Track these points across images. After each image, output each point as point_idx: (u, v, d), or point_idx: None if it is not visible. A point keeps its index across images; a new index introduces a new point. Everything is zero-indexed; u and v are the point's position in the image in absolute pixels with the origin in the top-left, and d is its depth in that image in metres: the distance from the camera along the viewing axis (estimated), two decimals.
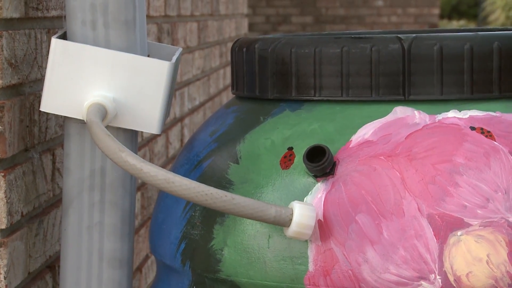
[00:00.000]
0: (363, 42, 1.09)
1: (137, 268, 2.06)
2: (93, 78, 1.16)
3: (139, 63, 1.16)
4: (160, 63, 1.16)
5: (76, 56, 1.15)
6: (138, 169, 1.02)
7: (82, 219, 1.20)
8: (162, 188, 1.01)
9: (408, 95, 1.09)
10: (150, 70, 1.16)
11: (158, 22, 2.28)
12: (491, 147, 1.05)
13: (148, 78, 1.16)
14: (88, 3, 1.15)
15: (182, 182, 1.01)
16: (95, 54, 1.15)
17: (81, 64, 1.15)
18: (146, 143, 2.13)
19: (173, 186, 1.01)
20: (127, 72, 1.16)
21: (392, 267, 1.02)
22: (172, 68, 1.17)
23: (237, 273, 1.08)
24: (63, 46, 1.15)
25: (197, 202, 1.01)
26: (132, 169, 1.03)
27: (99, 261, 1.21)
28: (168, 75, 1.17)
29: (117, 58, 1.15)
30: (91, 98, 1.15)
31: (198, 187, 1.00)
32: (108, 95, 1.16)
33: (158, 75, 1.16)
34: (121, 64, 1.16)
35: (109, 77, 1.16)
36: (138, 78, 1.16)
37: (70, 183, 1.20)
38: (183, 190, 1.01)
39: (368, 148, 1.06)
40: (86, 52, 1.15)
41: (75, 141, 1.19)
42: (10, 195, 1.15)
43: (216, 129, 1.20)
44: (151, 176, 1.02)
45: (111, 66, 1.15)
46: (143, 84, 1.16)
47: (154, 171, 1.01)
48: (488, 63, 1.09)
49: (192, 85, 2.84)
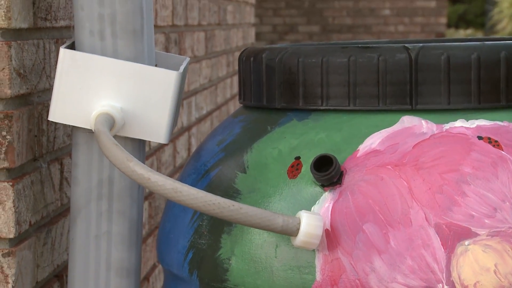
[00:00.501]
0: (370, 52, 1.10)
1: (145, 278, 2.06)
2: (101, 88, 1.16)
3: (146, 73, 1.16)
4: (168, 73, 1.16)
5: (84, 66, 1.15)
6: (146, 179, 1.02)
7: (90, 228, 1.20)
8: (170, 197, 1.02)
9: (415, 104, 1.09)
10: (158, 80, 1.16)
11: (166, 32, 2.29)
12: (499, 156, 1.05)
13: (156, 87, 1.17)
14: (96, 13, 1.15)
15: (190, 192, 1.01)
16: (103, 64, 1.15)
17: (89, 74, 1.16)
18: (153, 152, 2.13)
19: (181, 195, 1.01)
20: (134, 82, 1.16)
21: (400, 276, 1.02)
22: (180, 78, 1.17)
23: (245, 282, 1.08)
24: (71, 56, 1.15)
25: (204, 212, 1.01)
26: (140, 179, 1.03)
27: (107, 270, 1.21)
28: (176, 85, 1.17)
29: (125, 68, 1.16)
30: (99, 107, 1.16)
31: (205, 196, 1.00)
32: (116, 105, 1.16)
33: (165, 85, 1.17)
34: (128, 74, 1.16)
35: (117, 87, 1.16)
36: (146, 88, 1.16)
37: (78, 193, 1.20)
38: (190, 199, 1.01)
39: (375, 158, 1.06)
40: (94, 62, 1.15)
41: (83, 151, 1.19)
42: (18, 205, 1.16)
43: (223, 138, 1.20)
44: (159, 185, 1.02)
45: (119, 76, 1.16)
46: (151, 94, 1.17)
47: (162, 181, 1.02)
48: (495, 72, 1.09)
49: (199, 94, 2.85)
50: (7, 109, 1.14)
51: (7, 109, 1.14)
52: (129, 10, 1.16)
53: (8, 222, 1.14)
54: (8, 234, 1.14)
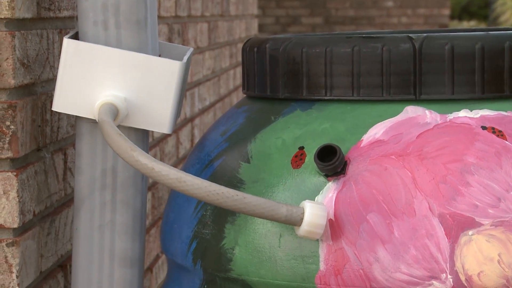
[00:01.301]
0: (374, 42, 1.09)
1: (148, 268, 2.07)
2: (105, 78, 1.16)
3: (150, 63, 1.16)
4: (172, 63, 1.16)
5: (87, 56, 1.15)
6: (150, 168, 1.03)
7: (93, 218, 1.20)
8: (174, 187, 1.02)
9: (419, 94, 1.09)
10: (162, 70, 1.16)
11: (169, 23, 2.29)
12: (503, 146, 1.05)
13: (160, 78, 1.16)
14: (100, 3, 1.15)
15: (194, 181, 1.01)
16: (107, 54, 1.15)
17: (92, 64, 1.16)
18: (156, 143, 2.14)
19: (185, 185, 1.01)
20: (138, 72, 1.16)
21: (403, 266, 1.02)
22: (183, 68, 1.17)
23: (248, 272, 1.08)
24: (75, 46, 1.15)
25: (208, 202, 1.01)
26: (144, 169, 1.03)
27: (111, 260, 1.21)
28: (179, 75, 1.17)
29: (129, 58, 1.16)
30: (103, 97, 1.16)
31: (209, 186, 1.00)
32: (120, 95, 1.16)
33: (169, 75, 1.17)
34: (132, 64, 1.16)
35: (121, 77, 1.16)
36: (150, 78, 1.16)
37: (81, 183, 1.20)
38: (194, 189, 1.01)
39: (379, 148, 1.06)
40: (98, 52, 1.15)
41: (87, 141, 1.19)
42: (22, 195, 1.16)
43: (227, 128, 1.20)
44: (163, 175, 1.02)
45: (123, 66, 1.16)
46: (155, 84, 1.17)
47: (166, 170, 1.02)
48: (499, 62, 1.09)
49: (203, 86, 2.84)
50: (11, 99, 1.14)
51: (11, 99, 1.14)
52: (133, 0, 1.16)
53: (12, 212, 1.14)
54: (12, 224, 1.14)
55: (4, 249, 1.14)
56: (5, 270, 1.14)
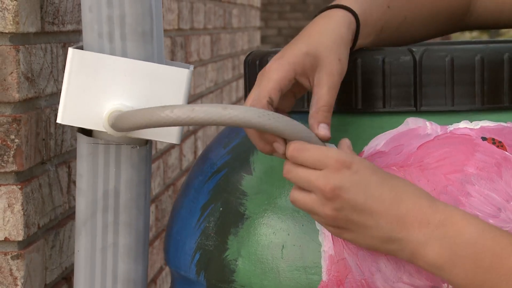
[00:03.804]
0: (375, 54, 1.10)
1: (152, 280, 2.07)
2: (111, 88, 1.14)
3: (157, 72, 1.14)
4: (179, 71, 1.14)
5: (93, 66, 1.13)
6: (190, 110, 0.98)
7: (95, 240, 1.18)
8: (221, 121, 0.97)
9: (420, 106, 1.10)
10: (169, 78, 1.14)
11: (172, 36, 2.30)
12: (503, 157, 1.06)
13: (167, 86, 1.15)
14: (105, 15, 1.13)
15: (239, 108, 0.97)
16: (113, 63, 1.13)
17: (98, 74, 1.14)
18: (160, 155, 2.14)
19: (232, 112, 0.97)
20: (145, 81, 1.14)
21: (405, 276, 1.03)
22: (191, 76, 1.16)
23: (251, 283, 1.08)
24: (81, 56, 1.13)
25: (256, 124, 0.97)
26: (183, 116, 0.98)
27: (113, 283, 1.19)
28: (187, 83, 1.15)
29: (136, 67, 1.14)
30: (111, 106, 1.14)
31: (256, 110, 0.97)
32: (127, 104, 1.14)
33: (177, 83, 1.15)
34: (139, 73, 1.14)
35: (128, 86, 1.14)
36: (157, 87, 1.14)
37: (83, 204, 1.18)
38: (243, 116, 0.97)
39: (380, 159, 1.07)
40: (104, 61, 1.13)
41: (88, 162, 1.17)
42: (27, 207, 1.16)
43: (229, 140, 1.21)
44: (204, 112, 0.97)
45: (129, 75, 1.14)
46: (162, 93, 1.14)
47: (205, 109, 0.97)
48: (499, 74, 1.10)
49: (205, 98, 2.86)
50: (15, 113, 1.15)
51: (16, 113, 1.15)
52: (139, 11, 1.13)
53: (17, 225, 1.15)
54: (17, 237, 1.15)
55: (9, 262, 1.15)
56: (10, 283, 1.15)
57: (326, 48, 1.04)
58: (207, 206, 1.15)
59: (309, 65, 1.04)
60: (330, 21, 1.07)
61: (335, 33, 1.05)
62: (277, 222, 1.08)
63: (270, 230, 1.08)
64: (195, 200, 1.18)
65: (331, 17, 1.07)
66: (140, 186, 1.19)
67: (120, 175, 1.17)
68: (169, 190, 2.26)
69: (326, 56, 1.04)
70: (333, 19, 1.07)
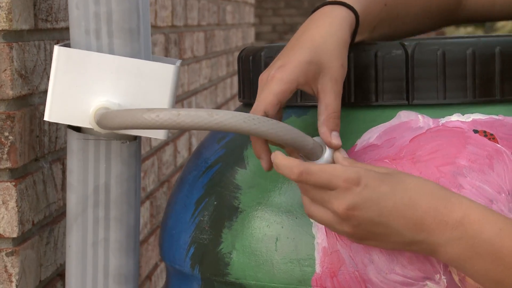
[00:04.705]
0: (367, 48, 1.11)
1: (147, 276, 2.08)
2: (98, 85, 1.14)
3: (144, 68, 1.14)
4: (165, 67, 1.14)
5: (80, 63, 1.13)
6: (176, 115, 0.98)
7: (86, 235, 1.19)
8: (207, 126, 0.98)
9: (412, 99, 1.11)
10: (156, 74, 1.14)
11: (165, 33, 2.30)
12: (494, 149, 1.06)
13: (154, 82, 1.15)
14: (92, 12, 1.13)
15: (226, 113, 0.98)
16: (99, 60, 1.14)
17: (85, 71, 1.14)
18: (154, 152, 2.15)
19: (218, 118, 0.98)
20: (132, 77, 1.14)
21: (398, 267, 1.03)
22: (177, 72, 1.16)
23: (246, 276, 1.09)
24: (67, 53, 1.13)
25: (244, 129, 0.98)
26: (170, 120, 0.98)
27: (105, 278, 1.20)
28: (174, 79, 1.15)
29: (122, 64, 1.14)
30: (97, 103, 1.14)
31: (241, 114, 0.98)
32: (114, 101, 1.14)
33: (163, 79, 1.15)
34: (126, 69, 1.14)
35: (114, 83, 1.14)
36: (144, 83, 1.14)
37: (74, 200, 1.18)
38: (229, 122, 0.98)
39: (373, 152, 1.08)
40: (90, 58, 1.13)
41: (79, 158, 1.17)
42: (21, 204, 1.17)
43: (223, 135, 1.22)
44: (191, 116, 0.98)
45: (116, 72, 1.14)
46: (149, 89, 1.15)
47: (193, 113, 0.98)
48: (491, 67, 1.11)
49: (200, 94, 2.86)
50: (9, 110, 1.15)
51: (9, 110, 1.15)
52: (125, 8, 1.14)
53: (11, 222, 1.15)
54: (11, 234, 1.15)
55: (3, 259, 1.15)
56: (4, 280, 1.15)
57: (331, 55, 1.03)
58: (201, 200, 1.16)
59: (312, 74, 1.03)
60: (332, 22, 1.05)
61: (338, 37, 1.04)
62: (271, 215, 1.09)
63: (264, 223, 1.09)
64: (189, 195, 1.19)
65: (333, 17, 1.06)
66: (131, 181, 1.19)
67: (110, 170, 1.18)
68: (163, 187, 2.26)
69: (330, 62, 1.03)
70: (336, 19, 1.05)
